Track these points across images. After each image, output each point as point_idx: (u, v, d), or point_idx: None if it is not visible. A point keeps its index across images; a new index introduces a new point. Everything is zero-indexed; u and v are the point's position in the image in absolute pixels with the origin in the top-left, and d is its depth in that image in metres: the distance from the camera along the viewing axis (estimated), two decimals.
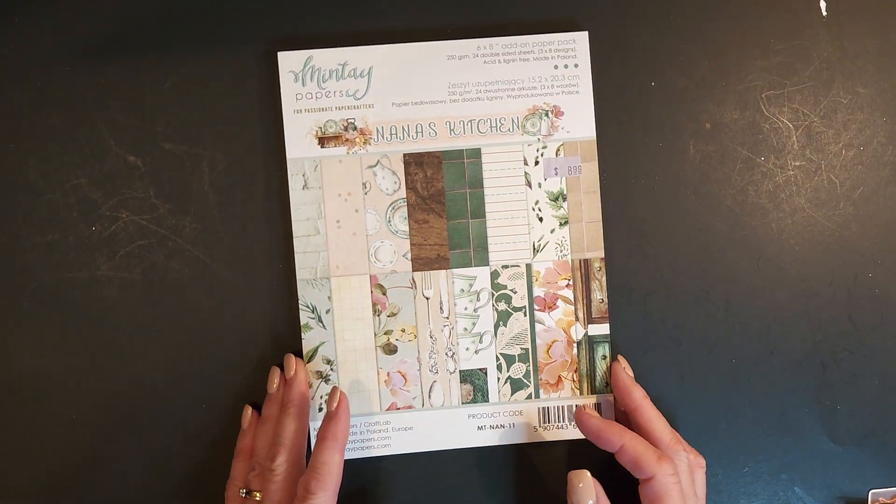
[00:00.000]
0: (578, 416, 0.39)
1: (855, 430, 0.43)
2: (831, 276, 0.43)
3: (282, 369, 0.41)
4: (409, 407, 0.42)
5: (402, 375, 0.42)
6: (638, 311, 0.42)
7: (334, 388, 0.40)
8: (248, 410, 0.41)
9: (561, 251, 0.42)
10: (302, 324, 0.41)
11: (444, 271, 0.42)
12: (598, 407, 0.42)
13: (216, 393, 0.42)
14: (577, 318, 0.42)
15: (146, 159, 0.42)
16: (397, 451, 0.42)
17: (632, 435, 0.38)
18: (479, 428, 0.42)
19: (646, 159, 0.42)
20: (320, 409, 0.41)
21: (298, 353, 0.42)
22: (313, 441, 0.41)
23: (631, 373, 0.41)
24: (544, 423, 0.42)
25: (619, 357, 0.42)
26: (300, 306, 0.41)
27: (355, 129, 0.41)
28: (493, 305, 0.42)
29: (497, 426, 0.42)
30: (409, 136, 0.41)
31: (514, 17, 0.42)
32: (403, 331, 0.42)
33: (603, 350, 0.42)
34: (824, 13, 0.42)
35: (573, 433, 0.42)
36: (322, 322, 0.41)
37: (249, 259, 0.42)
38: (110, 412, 0.42)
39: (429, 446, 0.42)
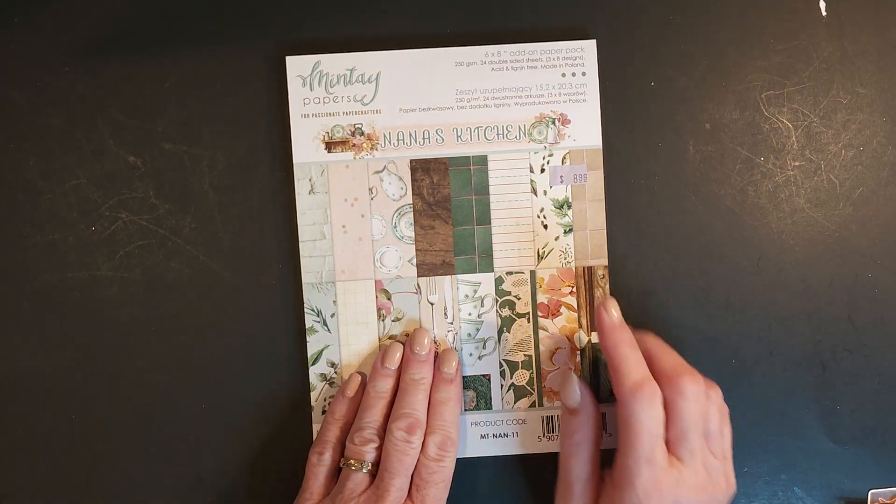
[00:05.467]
0: (599, 310, 0.39)
1: (855, 430, 0.43)
2: (831, 276, 0.43)
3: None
4: None
5: None
6: (638, 312, 0.42)
7: (450, 351, 0.41)
8: (359, 378, 0.41)
9: (565, 258, 0.42)
10: (307, 327, 0.41)
11: (448, 277, 0.42)
12: (603, 416, 0.41)
13: (216, 393, 0.42)
14: (580, 326, 0.42)
15: (146, 159, 0.42)
16: None
17: (638, 348, 0.37)
18: (482, 436, 0.42)
19: (645, 160, 0.42)
20: (323, 412, 0.41)
21: (303, 357, 0.42)
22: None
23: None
24: (548, 432, 0.42)
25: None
26: (305, 310, 0.41)
27: (362, 134, 0.41)
28: (497, 311, 0.42)
29: (500, 435, 0.42)
30: (415, 141, 0.41)
31: (522, 24, 0.42)
32: (408, 336, 0.42)
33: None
34: (824, 13, 0.42)
35: None
36: (327, 326, 0.41)
37: (249, 260, 0.42)
38: (110, 412, 0.42)
39: None
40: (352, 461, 0.39)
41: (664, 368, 0.37)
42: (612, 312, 0.38)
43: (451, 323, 0.42)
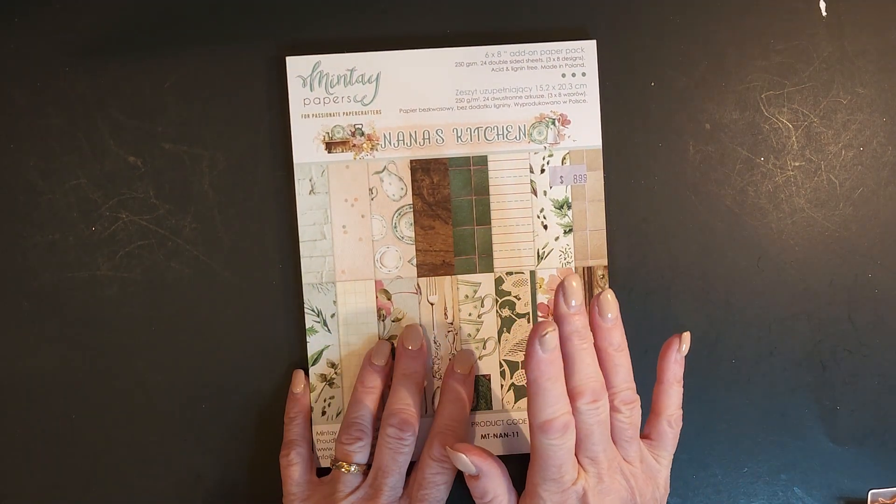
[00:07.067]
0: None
1: (855, 430, 0.43)
2: (831, 276, 0.43)
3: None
4: None
5: None
6: (638, 312, 0.42)
7: (468, 352, 0.41)
8: (301, 373, 0.41)
9: (565, 259, 0.42)
10: (307, 327, 0.41)
11: (448, 277, 0.42)
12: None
13: (216, 393, 0.42)
14: None
15: (146, 159, 0.42)
16: None
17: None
18: (483, 436, 0.42)
19: (645, 160, 0.42)
20: (323, 413, 0.41)
21: (303, 357, 0.42)
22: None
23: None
24: None
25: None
26: (306, 310, 0.41)
27: (362, 134, 0.41)
28: (497, 312, 0.42)
29: (500, 435, 0.42)
30: (416, 142, 0.41)
31: (522, 24, 0.42)
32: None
33: None
34: (824, 13, 0.42)
35: None
36: (327, 326, 0.41)
37: (250, 260, 0.42)
38: (110, 412, 0.42)
39: None
40: (341, 463, 0.39)
41: (571, 386, 0.35)
42: (548, 346, 0.34)
43: (451, 323, 0.42)
